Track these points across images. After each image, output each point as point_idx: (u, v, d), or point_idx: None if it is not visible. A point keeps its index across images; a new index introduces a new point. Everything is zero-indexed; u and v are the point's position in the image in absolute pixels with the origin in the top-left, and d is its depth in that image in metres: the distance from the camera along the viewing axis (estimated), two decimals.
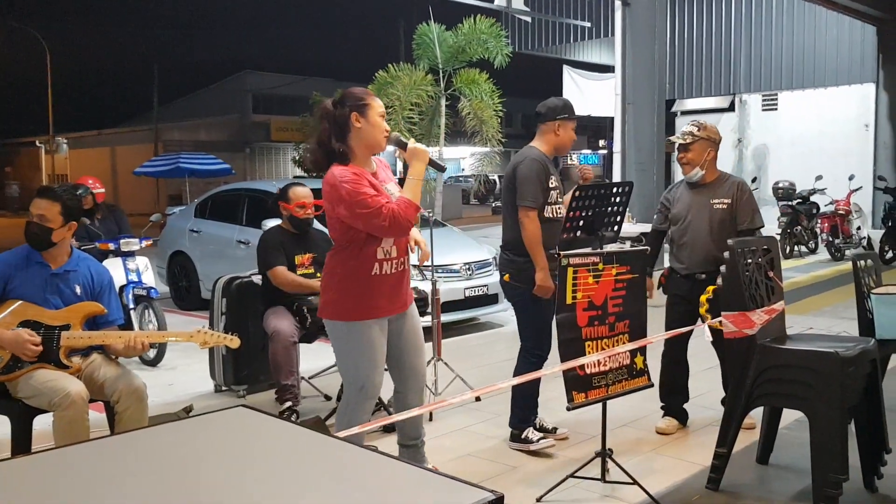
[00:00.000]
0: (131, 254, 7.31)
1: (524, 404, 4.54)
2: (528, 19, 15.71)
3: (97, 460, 1.93)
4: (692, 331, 4.51)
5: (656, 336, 4.13)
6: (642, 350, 4.03)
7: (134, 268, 7.25)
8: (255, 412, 2.29)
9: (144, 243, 7.56)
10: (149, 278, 7.35)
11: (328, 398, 5.59)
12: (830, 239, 13.63)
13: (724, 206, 4.74)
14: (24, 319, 3.71)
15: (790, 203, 13.82)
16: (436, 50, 10.95)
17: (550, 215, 4.44)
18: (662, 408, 4.95)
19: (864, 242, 14.12)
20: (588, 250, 3.89)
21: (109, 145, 39.93)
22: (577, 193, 3.92)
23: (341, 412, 3.66)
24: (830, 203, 14.07)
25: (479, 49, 10.85)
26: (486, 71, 11.03)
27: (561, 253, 3.78)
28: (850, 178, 14.53)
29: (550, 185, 4.44)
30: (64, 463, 1.94)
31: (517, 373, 4.47)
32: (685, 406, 4.94)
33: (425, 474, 1.76)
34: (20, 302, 3.75)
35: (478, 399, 5.41)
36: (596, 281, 3.85)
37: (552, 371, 3.70)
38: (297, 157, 20.59)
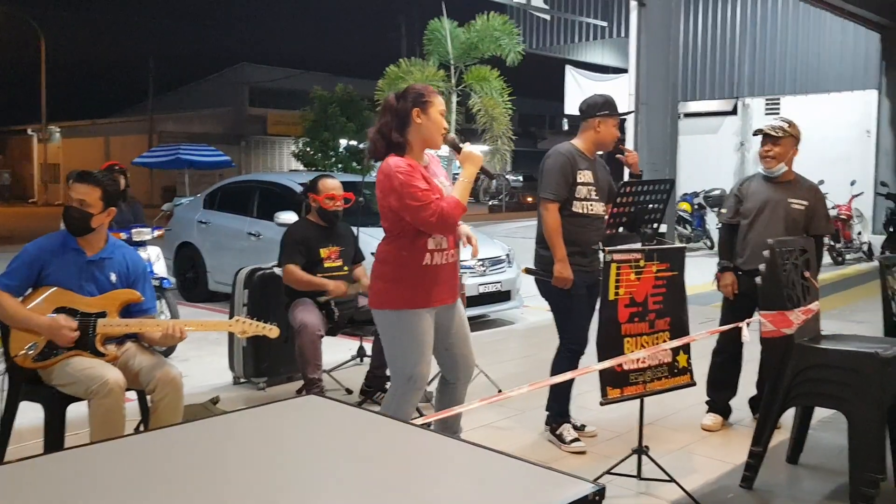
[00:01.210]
0: (143, 243, 7.26)
1: (559, 398, 4.55)
2: (548, 17, 15.67)
3: (176, 449, 1.90)
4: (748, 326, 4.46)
5: (699, 334, 4.12)
6: (686, 348, 4.02)
7: (146, 257, 7.20)
8: (329, 401, 2.28)
9: (156, 233, 7.51)
10: (161, 268, 7.31)
11: (349, 392, 5.57)
12: (832, 244, 13.68)
13: (801, 208, 4.71)
14: (59, 306, 3.67)
15: None
16: (447, 45, 10.92)
17: (580, 210, 4.43)
18: (707, 402, 4.97)
19: (865, 248, 14.20)
20: (631, 246, 3.89)
21: (103, 135, 39.75)
22: (621, 190, 3.93)
23: (387, 403, 3.67)
24: (832, 208, 14.12)
25: (491, 46, 10.83)
26: (496, 68, 11.02)
27: (605, 249, 3.77)
28: (852, 183, 14.60)
29: (579, 181, 4.43)
30: (148, 450, 1.92)
31: (554, 366, 4.51)
32: (731, 402, 4.99)
33: (525, 465, 1.75)
34: (55, 288, 3.71)
35: (500, 391, 5.40)
36: (637, 277, 3.84)
37: (593, 369, 3.69)
38: (295, 151, 20.48)
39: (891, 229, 13.77)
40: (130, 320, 3.77)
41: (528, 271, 4.68)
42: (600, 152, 4.64)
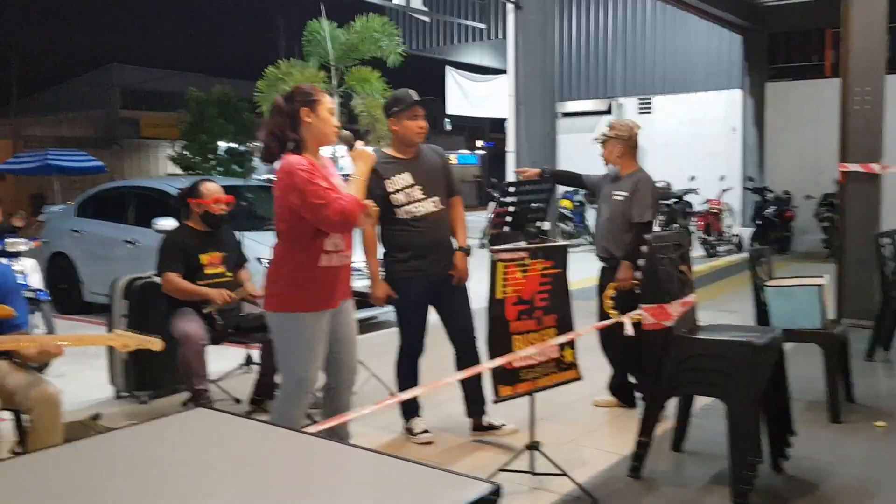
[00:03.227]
0: (17, 254, 6.92)
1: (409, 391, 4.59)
2: (427, 19, 15.74)
3: (57, 472, 1.81)
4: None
5: (585, 329, 4.23)
6: (572, 343, 4.12)
7: (20, 269, 6.86)
8: (217, 413, 2.21)
9: (32, 244, 7.18)
10: (36, 280, 6.98)
11: (238, 401, 5.44)
12: (704, 237, 14.33)
13: (621, 199, 4.99)
14: None
15: (667, 202, 14.43)
16: (327, 47, 10.81)
17: (404, 216, 4.44)
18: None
19: (736, 240, 14.92)
20: (516, 245, 3.96)
21: None
22: (505, 190, 4.00)
23: (276, 407, 3.66)
24: (704, 202, 14.78)
25: (371, 47, 10.80)
26: (377, 69, 10.99)
27: (491, 248, 3.83)
28: (721, 178, 15.32)
29: (390, 190, 4.42)
30: (26, 474, 1.81)
31: (396, 370, 4.74)
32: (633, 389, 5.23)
33: (420, 468, 1.74)
34: None
35: (392, 395, 5.39)
36: (524, 276, 3.91)
37: (484, 367, 3.73)
38: (172, 155, 19.86)
39: (758, 222, 14.49)
40: (3, 337, 3.55)
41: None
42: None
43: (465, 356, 4.63)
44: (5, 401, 3.50)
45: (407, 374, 4.66)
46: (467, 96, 19.41)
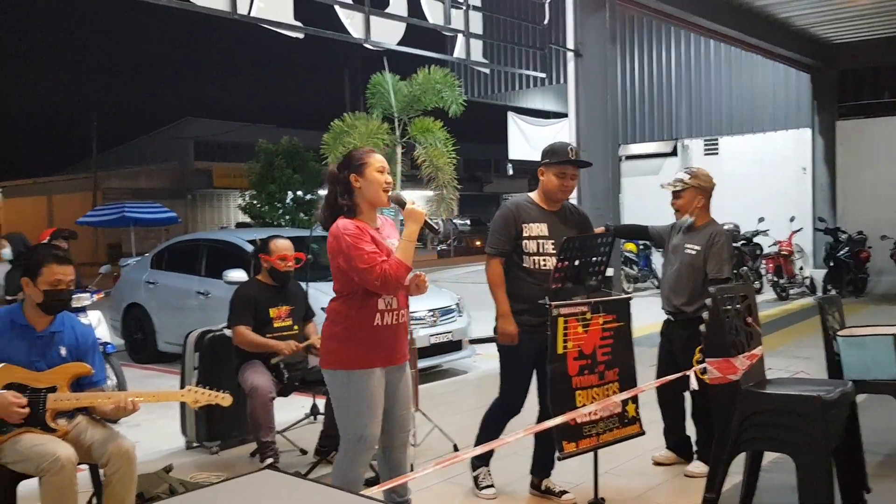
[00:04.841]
0: (83, 309, 7.13)
1: (482, 445, 4.51)
2: (487, 71, 15.96)
3: None
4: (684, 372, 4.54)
5: (648, 384, 4.20)
6: (634, 398, 4.09)
7: (86, 323, 7.08)
8: (282, 475, 2.28)
9: (96, 297, 7.39)
10: (103, 332, 7.18)
11: (304, 452, 5.52)
12: (775, 279, 14.01)
13: (694, 252, 4.85)
14: (8, 382, 3.61)
15: (735, 244, 14.19)
16: (390, 99, 11.05)
17: (529, 266, 4.30)
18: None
19: (808, 282, 14.55)
20: (577, 299, 3.96)
21: (46, 194, 39.02)
22: (564, 245, 4.00)
23: (339, 464, 3.68)
24: (773, 244, 14.48)
25: (433, 98, 10.98)
26: (439, 119, 11.16)
27: (551, 303, 3.84)
28: (791, 219, 15.01)
29: (525, 234, 4.30)
30: None
31: (484, 419, 4.56)
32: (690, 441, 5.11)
33: None
34: (3, 365, 3.64)
35: (456, 449, 5.41)
36: (585, 330, 3.92)
37: (548, 425, 3.73)
38: (242, 204, 20.43)
39: (831, 264, 14.13)
40: (81, 394, 3.72)
41: (472, 342, 4.77)
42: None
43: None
44: (83, 455, 3.63)
45: (493, 426, 4.48)
46: (529, 140, 19.52)
